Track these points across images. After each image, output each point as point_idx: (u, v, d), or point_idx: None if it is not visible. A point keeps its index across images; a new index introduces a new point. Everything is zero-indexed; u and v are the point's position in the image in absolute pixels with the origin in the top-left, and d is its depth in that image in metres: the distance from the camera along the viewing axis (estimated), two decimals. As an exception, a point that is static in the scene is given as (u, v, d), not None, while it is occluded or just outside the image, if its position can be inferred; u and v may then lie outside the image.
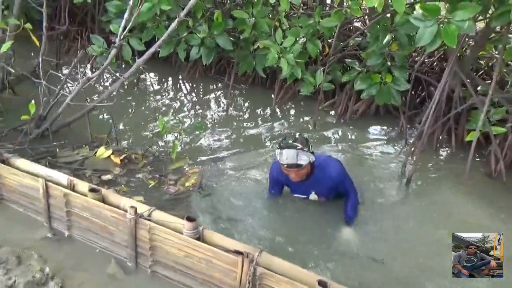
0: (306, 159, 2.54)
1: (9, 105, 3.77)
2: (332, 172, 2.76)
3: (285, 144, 2.56)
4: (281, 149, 2.56)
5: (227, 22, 4.13)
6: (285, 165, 2.54)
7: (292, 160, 2.51)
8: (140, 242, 2.17)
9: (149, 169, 3.23)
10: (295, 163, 2.52)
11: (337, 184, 2.79)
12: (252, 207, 2.94)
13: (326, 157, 2.93)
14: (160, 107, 4.48)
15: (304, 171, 2.62)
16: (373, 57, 3.83)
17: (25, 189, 2.46)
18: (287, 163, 2.52)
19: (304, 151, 2.54)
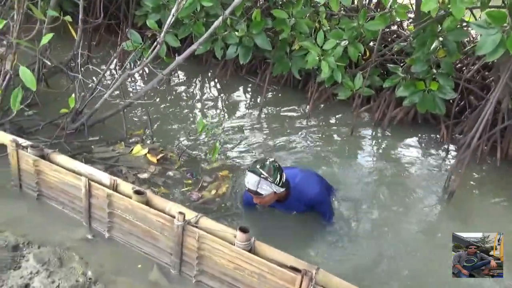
0: (268, 190, 2.39)
1: (43, 98, 3.71)
2: (310, 193, 2.60)
3: (251, 168, 2.41)
4: (247, 170, 2.44)
5: (266, 21, 4.01)
6: (247, 188, 2.44)
7: (253, 187, 2.37)
8: (187, 250, 2.07)
9: (184, 170, 3.13)
10: (254, 190, 2.38)
11: (314, 205, 2.65)
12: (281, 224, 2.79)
13: (305, 174, 2.71)
14: (191, 105, 4.39)
15: (267, 199, 2.47)
16: (418, 63, 3.68)
17: (66, 187, 2.38)
18: (248, 187, 2.41)
19: (267, 181, 2.37)
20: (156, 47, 3.10)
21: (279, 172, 2.43)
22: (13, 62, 2.92)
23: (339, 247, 2.67)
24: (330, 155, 3.76)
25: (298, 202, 2.63)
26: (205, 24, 3.93)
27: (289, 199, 2.61)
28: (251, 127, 4.08)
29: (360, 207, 3.06)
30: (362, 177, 3.48)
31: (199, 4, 3.67)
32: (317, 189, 2.64)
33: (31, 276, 1.93)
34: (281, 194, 2.51)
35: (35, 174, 2.47)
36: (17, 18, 3.13)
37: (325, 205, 2.72)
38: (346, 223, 2.88)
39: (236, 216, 2.77)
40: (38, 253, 2.07)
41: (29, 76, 2.45)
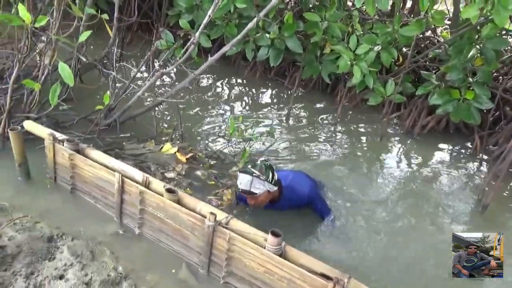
0: (262, 188, 2.38)
1: (77, 93, 3.79)
2: (303, 192, 2.62)
3: (243, 169, 2.44)
4: (239, 172, 2.44)
5: (298, 24, 3.99)
6: (240, 190, 2.42)
7: (246, 187, 2.37)
8: (216, 250, 2.07)
9: (212, 172, 3.13)
10: (248, 190, 2.37)
11: (308, 204, 2.66)
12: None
13: (295, 174, 2.75)
14: (219, 106, 4.40)
15: (261, 198, 2.46)
16: (454, 71, 3.59)
17: (100, 182, 2.42)
18: (241, 188, 2.40)
19: (260, 180, 2.37)
20: (190, 47, 3.13)
21: (270, 170, 2.45)
22: (53, 58, 3.00)
23: (362, 256, 2.62)
24: (358, 161, 3.71)
25: (290, 202, 2.63)
26: (237, 26, 3.94)
27: (281, 199, 2.61)
28: (279, 130, 4.06)
29: (385, 216, 3.00)
30: (389, 185, 3.41)
31: (233, 6, 3.69)
32: (309, 188, 2.66)
33: (65, 268, 1.97)
34: (274, 194, 2.52)
35: (70, 168, 2.53)
36: (56, 15, 3.22)
37: (319, 202, 2.72)
38: (370, 231, 2.83)
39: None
40: (72, 246, 2.12)
41: (68, 72, 2.51)
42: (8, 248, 2.01)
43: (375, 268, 2.52)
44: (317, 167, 3.50)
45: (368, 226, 2.88)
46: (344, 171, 3.51)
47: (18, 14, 2.51)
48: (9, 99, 2.97)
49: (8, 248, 2.02)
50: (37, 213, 2.37)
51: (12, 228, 2.16)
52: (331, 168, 3.53)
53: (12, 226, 2.18)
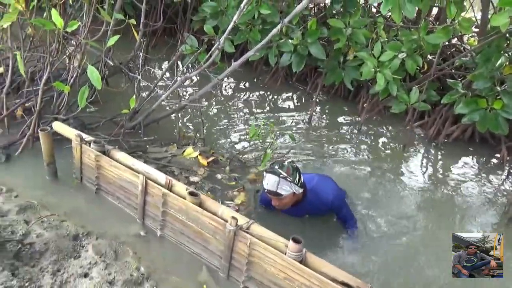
0: (288, 190, 2.36)
1: (103, 96, 3.89)
2: (328, 197, 2.56)
3: (270, 169, 2.40)
4: (266, 172, 2.41)
5: (321, 30, 3.99)
6: (266, 190, 2.39)
7: (272, 187, 2.34)
8: (237, 255, 2.08)
9: (232, 176, 3.15)
10: (274, 191, 2.35)
11: (333, 210, 2.63)
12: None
13: (320, 178, 2.68)
14: (241, 111, 4.43)
15: (286, 200, 2.43)
16: (481, 80, 3.51)
17: (124, 183, 2.47)
18: (267, 189, 2.37)
19: (287, 181, 2.35)
20: (214, 52, 3.17)
21: (297, 172, 2.44)
22: (82, 61, 3.09)
23: (384, 266, 2.58)
24: (379, 169, 3.66)
25: (312, 206, 2.59)
26: (261, 31, 3.97)
27: (304, 202, 2.57)
28: (300, 136, 4.06)
29: (408, 226, 2.95)
30: (411, 195, 3.36)
31: (257, 12, 3.72)
32: (335, 193, 2.61)
33: (90, 266, 2.02)
34: (298, 196, 2.49)
35: (96, 169, 2.59)
36: (86, 19, 3.32)
37: (345, 209, 2.67)
38: (392, 241, 2.79)
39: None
40: (96, 245, 2.17)
41: (96, 75, 2.58)
42: (36, 245, 2.08)
43: (396, 279, 2.48)
44: (338, 174, 3.47)
45: (390, 235, 2.84)
46: (365, 179, 3.48)
47: (51, 19, 2.60)
48: (40, 101, 3.07)
49: (36, 245, 2.08)
50: (64, 211, 2.44)
51: (40, 226, 2.23)
52: (352, 176, 3.49)
53: (40, 223, 2.24)
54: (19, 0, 2.52)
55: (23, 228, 2.16)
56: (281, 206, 2.49)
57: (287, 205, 2.49)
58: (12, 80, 3.42)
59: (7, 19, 2.42)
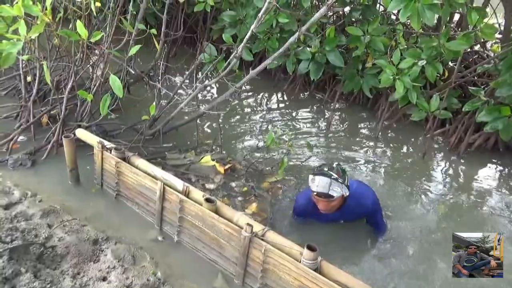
0: (339, 192, 2.33)
1: (124, 103, 4.00)
2: (367, 202, 2.57)
3: (319, 171, 2.38)
4: (314, 175, 2.38)
5: (339, 38, 3.99)
6: (315, 193, 2.34)
7: (324, 189, 2.30)
8: (252, 262, 2.10)
9: (249, 184, 3.16)
10: (326, 193, 2.31)
11: (369, 215, 2.65)
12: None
13: (359, 183, 2.69)
14: (259, 119, 4.46)
15: (335, 203, 2.40)
16: (504, 87, 3.42)
17: (143, 189, 2.53)
18: (317, 191, 2.33)
19: (338, 182, 2.33)
20: (232, 60, 3.21)
21: (346, 174, 2.45)
22: (105, 70, 3.19)
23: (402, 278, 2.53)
24: (399, 177, 3.60)
25: (352, 210, 2.57)
26: (279, 40, 4.00)
27: (344, 206, 2.54)
28: (319, 143, 4.04)
29: (428, 237, 2.89)
30: (432, 205, 3.28)
31: (275, 20, 3.76)
32: (373, 198, 2.63)
33: (109, 270, 2.07)
34: (343, 199, 2.48)
35: (116, 175, 2.66)
36: (109, 30, 3.43)
37: (380, 214, 2.70)
38: (412, 252, 2.74)
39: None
40: (115, 249, 2.22)
41: (118, 84, 2.66)
42: (58, 248, 2.15)
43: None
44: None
45: (409, 247, 2.78)
46: (385, 188, 3.43)
47: (76, 30, 2.71)
48: (64, 108, 3.18)
49: (58, 248, 2.15)
50: (85, 216, 2.51)
51: (62, 230, 2.30)
52: (371, 183, 3.43)
53: (62, 227, 2.32)
54: (46, 13, 2.64)
55: (46, 231, 2.23)
56: (328, 209, 2.44)
57: (334, 208, 2.46)
58: (39, 88, 3.57)
59: (35, 31, 2.53)
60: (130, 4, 3.76)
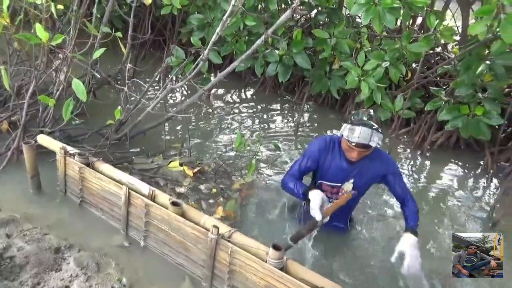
0: (378, 142, 2.16)
1: (90, 108, 3.91)
2: (389, 158, 2.43)
3: (360, 121, 2.18)
4: (352, 124, 2.18)
5: (306, 41, 4.06)
6: (354, 143, 2.17)
7: (365, 140, 2.13)
8: (218, 263, 2.09)
9: (218, 186, 3.15)
10: (366, 144, 2.15)
11: (389, 174, 2.38)
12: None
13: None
14: (229, 121, 4.46)
15: (369, 152, 2.26)
16: (463, 87, 3.58)
17: (107, 195, 2.47)
18: (358, 142, 2.14)
19: (379, 132, 2.17)
20: (199, 63, 3.21)
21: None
22: (67, 74, 3.11)
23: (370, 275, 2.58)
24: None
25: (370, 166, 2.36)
26: (247, 42, 4.02)
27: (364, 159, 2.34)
28: (288, 144, 4.08)
29: (395, 233, 2.97)
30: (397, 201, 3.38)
31: (242, 23, 3.78)
32: (393, 159, 2.47)
33: (71, 279, 2.01)
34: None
35: (79, 181, 2.59)
36: (72, 33, 3.35)
37: (402, 178, 2.44)
38: (379, 249, 2.80)
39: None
40: (78, 257, 2.16)
41: (81, 88, 2.59)
42: (16, 258, 2.07)
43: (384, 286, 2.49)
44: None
45: (377, 243, 2.85)
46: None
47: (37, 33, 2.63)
48: (25, 114, 3.08)
49: (17, 258, 2.07)
50: (47, 224, 2.43)
51: (22, 239, 2.22)
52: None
53: (22, 237, 2.24)
54: (4, 15, 2.55)
55: (4, 242, 2.15)
56: (359, 157, 2.28)
57: (363, 156, 2.29)
58: (-2, 94, 3.44)
59: (-9, 34, 2.45)
60: (95, 6, 3.69)
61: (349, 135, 2.18)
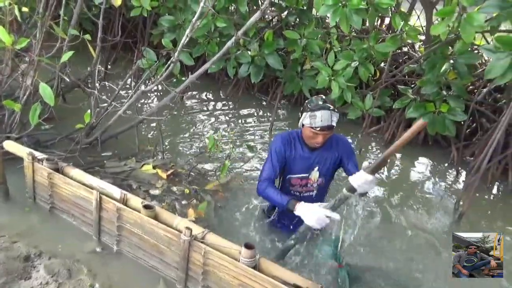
0: (336, 120, 2.27)
1: (60, 112, 3.83)
2: (343, 138, 2.53)
3: (317, 106, 2.25)
4: (312, 111, 2.24)
5: (278, 41, 4.11)
6: (319, 128, 2.23)
7: (328, 122, 2.21)
8: (192, 265, 2.10)
9: (192, 187, 3.15)
10: (330, 125, 2.23)
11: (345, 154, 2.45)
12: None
13: None
14: (203, 122, 4.46)
15: (331, 134, 2.34)
16: (428, 85, 3.70)
17: (78, 200, 2.44)
18: (322, 125, 2.21)
19: (336, 112, 2.27)
20: (170, 65, 3.20)
21: None
22: (34, 78, 3.04)
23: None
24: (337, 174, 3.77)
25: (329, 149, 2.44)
26: (218, 44, 4.04)
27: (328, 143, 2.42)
28: (262, 145, 4.12)
29: (366, 226, 3.05)
30: (370, 197, 3.47)
31: (213, 25, 3.79)
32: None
33: (41, 287, 1.98)
34: None
35: (49, 187, 2.55)
36: (39, 36, 3.28)
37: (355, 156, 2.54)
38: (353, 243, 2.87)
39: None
40: (48, 264, 2.12)
41: (48, 92, 2.55)
42: (-17, 268, 2.02)
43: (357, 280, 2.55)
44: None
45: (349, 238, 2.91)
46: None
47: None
48: (-10, 120, 3.00)
49: (-16, 268, 2.02)
50: (16, 232, 2.37)
51: (-11, 248, 2.16)
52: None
53: (-12, 246, 2.18)
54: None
55: (-30, 251, 2.09)
56: (324, 141, 2.33)
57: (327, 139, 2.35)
58: (-38, 100, 3.32)
59: (-49, 38, 2.37)
60: (62, 9, 3.62)
61: (312, 122, 2.24)
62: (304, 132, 2.36)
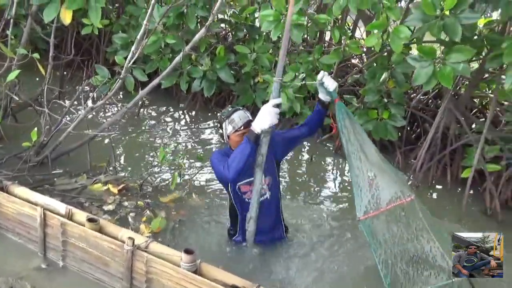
0: (250, 115, 2.56)
1: (10, 132, 3.79)
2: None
3: (230, 111, 2.52)
4: (229, 117, 2.48)
5: (229, 56, 4.25)
6: (242, 126, 2.45)
7: (246, 118, 2.48)
8: (136, 274, 2.15)
9: (145, 201, 3.19)
10: (249, 119, 2.48)
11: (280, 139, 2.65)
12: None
13: None
14: (160, 137, 4.52)
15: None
16: (370, 94, 3.93)
17: (23, 218, 2.44)
18: (243, 122, 2.46)
19: (246, 110, 2.59)
20: (121, 83, 3.27)
21: None
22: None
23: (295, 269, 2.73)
24: (290, 181, 3.92)
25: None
26: (170, 59, 4.14)
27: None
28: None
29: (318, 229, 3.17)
30: (322, 202, 3.63)
31: (163, 41, 3.90)
32: None
33: (-20, 305, 1.97)
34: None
35: (-7, 206, 2.53)
36: (-15, 56, 3.28)
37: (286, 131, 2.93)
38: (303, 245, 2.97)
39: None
40: (-11, 283, 2.12)
41: (-8, 111, 2.56)
42: None
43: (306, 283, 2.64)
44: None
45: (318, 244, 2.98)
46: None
47: None
48: None
49: None
50: (-43, 254, 2.35)
51: None
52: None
53: None
54: None
55: None
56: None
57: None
58: None
59: None
60: (10, 28, 3.62)
61: (234, 125, 2.47)
62: (232, 142, 2.52)
